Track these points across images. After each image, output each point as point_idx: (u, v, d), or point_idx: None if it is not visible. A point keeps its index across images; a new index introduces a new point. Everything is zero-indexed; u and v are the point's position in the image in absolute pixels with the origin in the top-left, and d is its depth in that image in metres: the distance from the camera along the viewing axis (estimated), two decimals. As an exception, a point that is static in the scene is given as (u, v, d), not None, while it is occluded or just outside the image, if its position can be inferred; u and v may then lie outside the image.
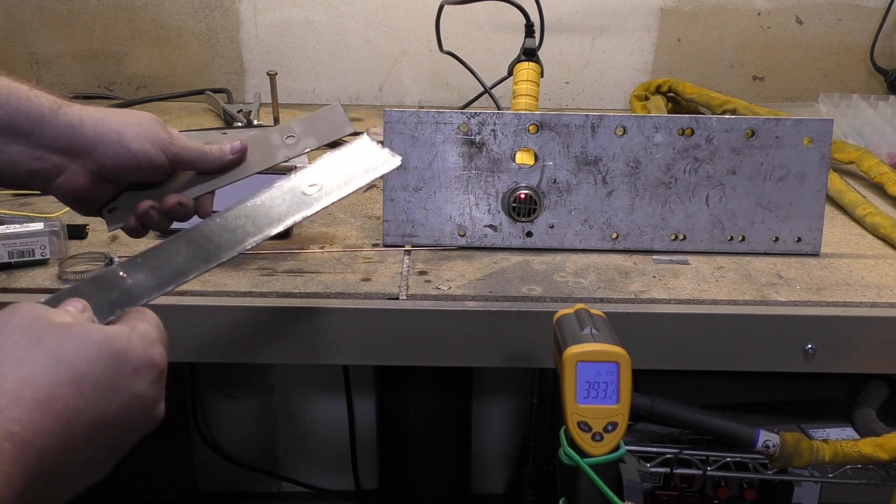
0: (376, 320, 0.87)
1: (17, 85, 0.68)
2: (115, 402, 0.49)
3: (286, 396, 1.73)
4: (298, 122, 0.86)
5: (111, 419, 0.49)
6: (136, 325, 0.54)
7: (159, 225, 0.81)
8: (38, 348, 0.47)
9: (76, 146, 0.69)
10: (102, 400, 0.49)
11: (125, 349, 0.51)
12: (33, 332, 0.48)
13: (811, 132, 0.96)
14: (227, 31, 1.54)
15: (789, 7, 1.54)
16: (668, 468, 1.02)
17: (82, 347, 0.48)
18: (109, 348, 0.50)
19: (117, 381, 0.50)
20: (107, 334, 0.50)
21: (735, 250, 1.00)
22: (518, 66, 1.15)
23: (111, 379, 0.49)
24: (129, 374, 0.50)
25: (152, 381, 0.52)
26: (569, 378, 0.70)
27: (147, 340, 0.53)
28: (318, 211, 0.73)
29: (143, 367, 0.51)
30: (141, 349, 0.52)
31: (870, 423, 1.01)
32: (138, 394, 0.51)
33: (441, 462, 1.54)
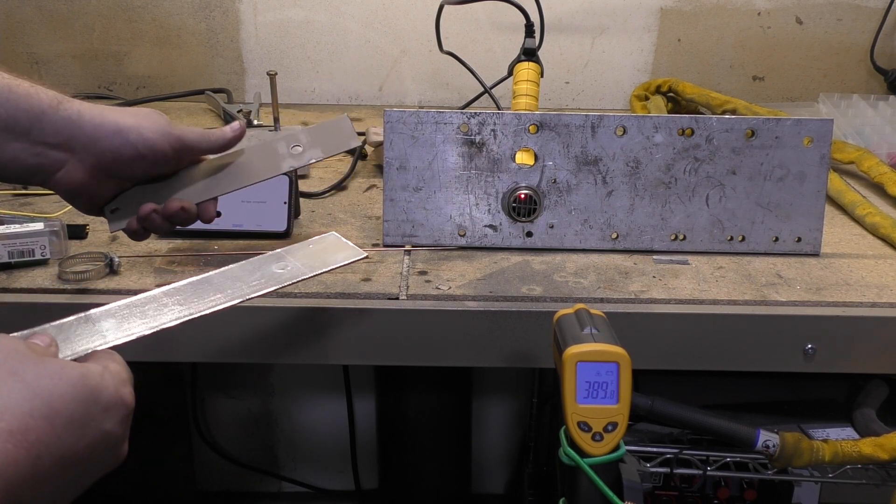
0: (376, 320, 0.87)
1: (17, 82, 0.68)
2: (84, 438, 0.50)
3: (286, 396, 1.73)
4: (305, 133, 0.86)
5: (79, 456, 0.50)
6: (107, 364, 0.54)
7: (161, 228, 0.81)
8: (14, 381, 0.47)
9: (75, 140, 0.69)
10: (73, 436, 0.49)
11: (98, 387, 0.51)
12: (10, 364, 0.48)
13: (811, 132, 0.96)
14: (227, 31, 1.54)
15: (789, 7, 1.54)
16: (668, 468, 1.02)
17: (58, 382, 0.48)
18: (84, 385, 0.50)
19: (88, 419, 0.50)
20: (81, 371, 0.51)
21: (735, 250, 1.00)
22: (518, 66, 1.15)
23: (83, 416, 0.49)
24: (100, 412, 0.51)
25: (121, 420, 0.53)
26: (569, 378, 0.70)
27: (119, 380, 0.53)
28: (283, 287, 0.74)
29: (114, 406, 0.52)
30: (113, 388, 0.52)
31: (870, 423, 1.01)
32: (107, 432, 0.51)
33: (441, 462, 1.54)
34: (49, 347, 0.55)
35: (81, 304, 0.86)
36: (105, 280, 0.90)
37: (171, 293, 0.70)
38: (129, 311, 0.66)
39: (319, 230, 1.04)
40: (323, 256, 0.79)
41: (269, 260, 0.77)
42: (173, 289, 0.70)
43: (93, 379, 0.51)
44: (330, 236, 0.83)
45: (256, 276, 0.74)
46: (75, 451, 0.49)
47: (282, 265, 0.76)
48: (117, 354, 0.57)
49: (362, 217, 1.08)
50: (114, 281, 0.90)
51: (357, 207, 1.11)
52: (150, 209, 0.79)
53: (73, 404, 0.49)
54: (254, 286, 0.72)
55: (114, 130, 0.71)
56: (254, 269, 0.75)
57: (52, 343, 0.56)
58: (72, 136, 0.70)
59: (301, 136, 0.86)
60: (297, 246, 0.80)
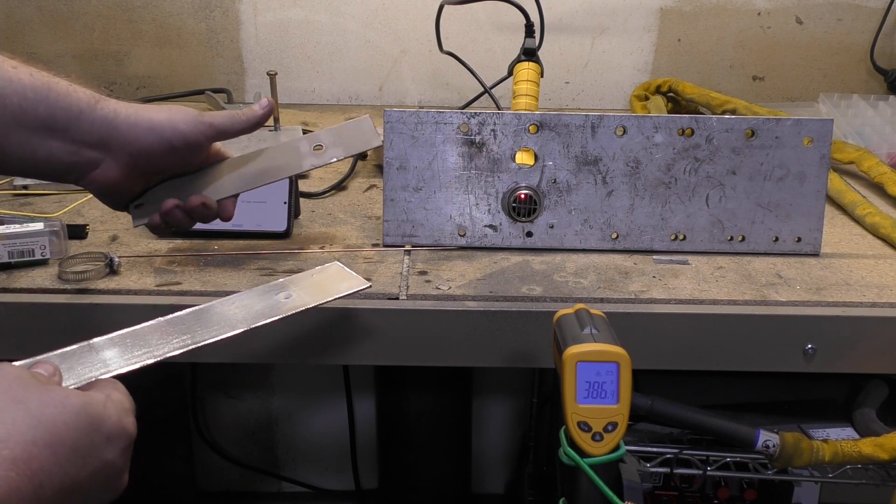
0: (376, 320, 0.87)
1: (56, 80, 0.68)
2: (86, 467, 0.49)
3: (286, 396, 1.73)
4: (327, 133, 0.88)
5: (80, 485, 0.49)
6: (110, 393, 0.54)
7: (183, 224, 0.83)
8: (18, 408, 0.47)
9: (111, 139, 0.70)
10: (75, 465, 0.49)
11: (101, 416, 0.51)
12: (14, 391, 0.48)
13: (811, 132, 0.96)
14: (227, 31, 1.54)
15: (789, 7, 1.54)
16: (668, 468, 1.02)
17: (62, 411, 0.48)
18: (87, 414, 0.50)
19: (91, 448, 0.50)
20: (85, 400, 0.50)
21: (735, 250, 1.00)
22: (518, 66, 1.15)
23: (86, 445, 0.49)
24: (102, 441, 0.51)
25: (122, 450, 0.53)
26: (569, 378, 0.70)
27: (121, 409, 0.53)
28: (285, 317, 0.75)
29: (116, 436, 0.52)
30: (115, 417, 0.52)
31: (870, 423, 1.01)
32: (108, 462, 0.51)
33: (441, 462, 1.54)
34: (53, 377, 0.54)
35: (81, 304, 0.86)
36: (105, 280, 0.90)
37: (174, 322, 0.70)
38: (132, 340, 0.66)
39: (319, 230, 1.04)
40: (326, 286, 0.79)
41: (273, 289, 0.77)
42: (177, 318, 0.71)
43: (96, 408, 0.51)
44: (333, 266, 0.84)
45: (260, 305, 0.74)
46: (77, 481, 0.49)
47: (285, 294, 0.77)
48: (120, 384, 0.57)
49: (362, 217, 1.08)
50: (114, 281, 0.90)
51: (357, 207, 1.11)
52: (172, 204, 0.80)
53: (75, 433, 0.49)
54: (257, 315, 0.73)
55: (148, 128, 0.72)
56: (257, 299, 0.76)
57: (56, 372, 0.55)
58: (108, 135, 0.70)
59: (323, 136, 0.87)
60: (300, 276, 0.81)
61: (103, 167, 0.73)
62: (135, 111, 0.73)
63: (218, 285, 0.89)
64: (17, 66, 0.64)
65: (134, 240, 1.00)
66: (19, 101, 0.63)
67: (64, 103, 0.66)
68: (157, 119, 0.73)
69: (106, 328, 0.70)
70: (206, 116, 0.78)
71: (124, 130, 0.70)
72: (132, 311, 0.87)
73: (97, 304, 0.87)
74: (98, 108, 0.69)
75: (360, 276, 0.82)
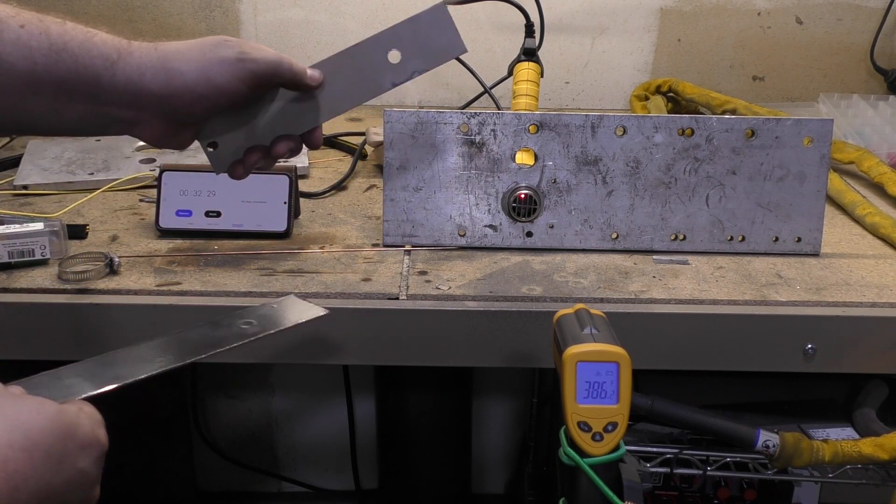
0: (376, 320, 0.87)
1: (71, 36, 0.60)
2: (60, 474, 0.50)
3: (286, 396, 1.73)
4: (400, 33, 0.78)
5: (55, 491, 0.49)
6: (82, 406, 0.54)
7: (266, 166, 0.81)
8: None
9: (142, 101, 0.65)
10: (50, 470, 0.49)
11: (75, 424, 0.51)
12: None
13: (811, 132, 0.96)
14: (227, 31, 1.54)
15: (789, 7, 1.54)
16: (668, 468, 1.02)
17: (37, 417, 0.49)
18: (62, 421, 0.50)
19: (65, 455, 0.50)
20: (59, 408, 0.51)
21: (735, 250, 1.00)
22: (518, 66, 1.15)
23: (60, 451, 0.50)
24: (76, 448, 0.51)
25: (95, 460, 0.53)
26: (569, 378, 0.70)
27: (94, 421, 0.53)
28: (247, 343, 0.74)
29: (90, 445, 0.52)
30: (89, 427, 0.52)
31: (870, 423, 1.01)
32: (82, 470, 0.51)
33: (441, 462, 1.54)
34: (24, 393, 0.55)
35: (81, 304, 0.86)
36: (105, 280, 0.90)
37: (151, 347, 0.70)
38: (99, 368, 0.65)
39: (319, 230, 1.04)
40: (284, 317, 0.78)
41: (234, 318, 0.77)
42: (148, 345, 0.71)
43: (69, 416, 0.51)
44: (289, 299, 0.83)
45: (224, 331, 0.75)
46: (52, 486, 0.49)
47: (247, 321, 0.76)
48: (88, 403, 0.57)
49: (362, 217, 1.08)
50: (114, 281, 0.90)
51: (357, 207, 1.11)
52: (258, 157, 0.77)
53: (50, 438, 0.49)
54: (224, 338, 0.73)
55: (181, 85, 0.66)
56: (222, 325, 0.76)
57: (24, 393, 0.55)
58: (136, 97, 0.65)
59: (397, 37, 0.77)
60: (257, 307, 0.80)
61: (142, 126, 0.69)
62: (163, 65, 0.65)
63: (218, 285, 0.89)
64: (26, 23, 0.58)
65: (134, 240, 1.00)
66: (29, 68, 0.57)
67: (80, 65, 0.60)
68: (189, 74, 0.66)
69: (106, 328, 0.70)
70: (250, 63, 0.70)
71: (156, 90, 0.65)
72: (132, 311, 0.87)
73: (97, 304, 0.87)
74: (119, 68, 0.63)
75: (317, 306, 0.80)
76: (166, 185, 1.00)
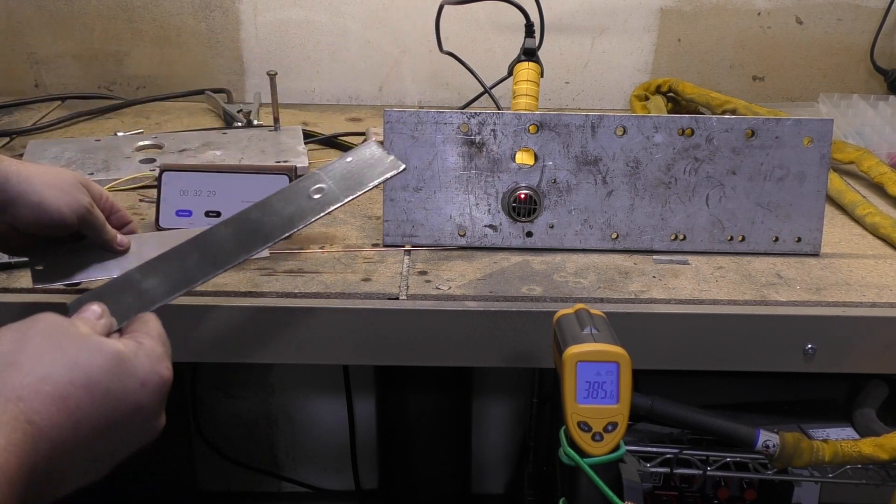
0: (376, 320, 0.87)
1: None
2: (120, 410, 0.53)
3: (286, 396, 1.73)
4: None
5: (115, 425, 0.53)
6: (143, 340, 0.57)
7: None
8: (57, 352, 0.51)
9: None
10: (109, 406, 0.52)
11: (133, 363, 0.54)
12: (54, 338, 0.52)
13: (811, 132, 0.96)
14: (227, 31, 1.54)
15: (789, 7, 1.54)
16: (668, 468, 1.02)
17: (97, 356, 0.52)
18: (120, 360, 0.54)
19: (124, 391, 0.53)
20: (118, 348, 0.54)
21: (735, 250, 1.00)
22: (518, 66, 1.15)
23: (119, 389, 0.53)
24: (136, 386, 0.54)
25: (155, 395, 0.56)
26: (569, 378, 0.70)
27: (154, 357, 0.56)
28: (324, 215, 0.73)
29: (149, 381, 0.55)
30: (148, 365, 0.55)
31: (870, 423, 1.01)
32: (142, 405, 0.55)
33: (441, 462, 1.54)
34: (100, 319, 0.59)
35: (81, 304, 0.86)
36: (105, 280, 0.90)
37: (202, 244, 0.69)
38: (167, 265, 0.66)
39: (319, 230, 1.04)
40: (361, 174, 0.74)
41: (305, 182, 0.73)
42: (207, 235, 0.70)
43: (128, 355, 0.54)
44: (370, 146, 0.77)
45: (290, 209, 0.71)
46: (111, 421, 0.52)
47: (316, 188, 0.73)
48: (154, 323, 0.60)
49: (362, 217, 1.08)
50: (114, 281, 0.90)
51: (357, 207, 1.11)
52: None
53: (109, 377, 0.52)
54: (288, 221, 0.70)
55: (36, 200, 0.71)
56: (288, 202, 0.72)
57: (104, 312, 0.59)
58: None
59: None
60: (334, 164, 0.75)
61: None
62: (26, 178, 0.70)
63: (218, 285, 0.89)
64: None
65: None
66: None
67: None
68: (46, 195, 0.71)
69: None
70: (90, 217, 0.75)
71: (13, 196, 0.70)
72: (132, 311, 0.87)
73: (97, 304, 0.86)
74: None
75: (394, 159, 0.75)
76: (166, 185, 1.00)
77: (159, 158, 1.20)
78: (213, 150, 1.22)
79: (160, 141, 1.27)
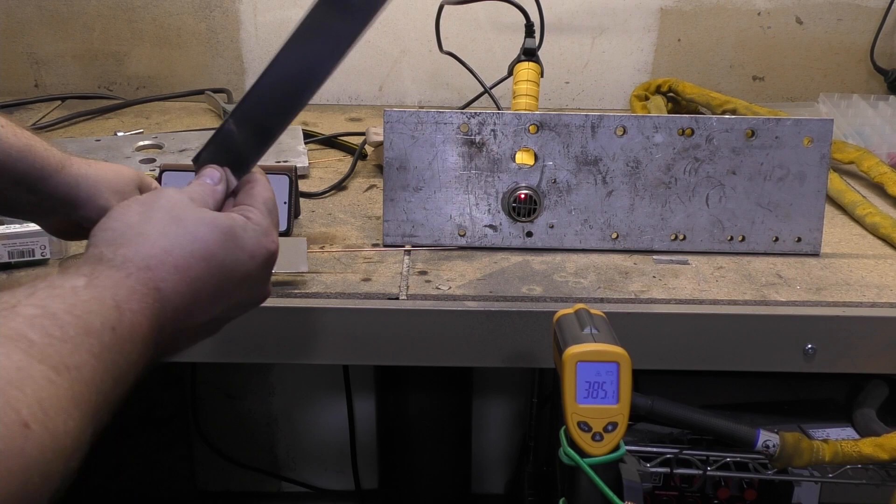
0: (376, 320, 0.87)
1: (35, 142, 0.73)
2: (232, 279, 0.59)
3: (286, 396, 1.73)
4: None
5: (228, 293, 0.59)
6: (251, 215, 0.62)
7: None
8: (178, 227, 0.56)
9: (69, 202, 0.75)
10: (223, 276, 0.58)
11: (243, 238, 0.60)
12: (175, 213, 0.57)
13: (811, 132, 0.96)
14: (227, 31, 1.54)
15: (789, 7, 1.54)
16: (668, 468, 1.02)
17: (213, 230, 0.58)
18: (233, 235, 0.59)
19: (236, 262, 0.59)
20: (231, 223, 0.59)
21: (735, 250, 1.00)
22: (518, 66, 1.15)
23: (232, 260, 0.59)
24: (246, 257, 0.60)
25: (262, 265, 0.62)
26: (569, 378, 0.70)
27: (260, 231, 0.62)
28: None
29: (257, 253, 0.61)
30: (255, 239, 0.61)
31: (870, 423, 1.01)
32: (251, 275, 0.61)
33: (441, 462, 1.54)
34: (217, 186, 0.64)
35: (81, 304, 0.86)
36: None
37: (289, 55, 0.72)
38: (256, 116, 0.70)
39: (319, 230, 1.04)
40: None
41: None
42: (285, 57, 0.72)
43: (238, 230, 0.60)
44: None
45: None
46: (225, 289, 0.58)
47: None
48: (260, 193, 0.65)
49: (362, 217, 1.08)
50: (114, 281, 0.90)
51: (357, 207, 1.11)
52: None
53: (223, 250, 0.58)
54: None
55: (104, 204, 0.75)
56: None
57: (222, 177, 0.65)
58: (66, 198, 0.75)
59: None
60: None
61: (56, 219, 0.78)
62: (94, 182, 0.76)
63: (218, 285, 0.89)
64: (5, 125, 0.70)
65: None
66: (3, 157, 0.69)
67: (39, 164, 0.72)
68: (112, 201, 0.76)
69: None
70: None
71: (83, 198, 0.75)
72: (132, 311, 0.86)
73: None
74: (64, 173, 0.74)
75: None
76: (166, 185, 1.00)
77: (159, 158, 1.20)
78: (213, 150, 1.22)
79: (160, 141, 1.27)
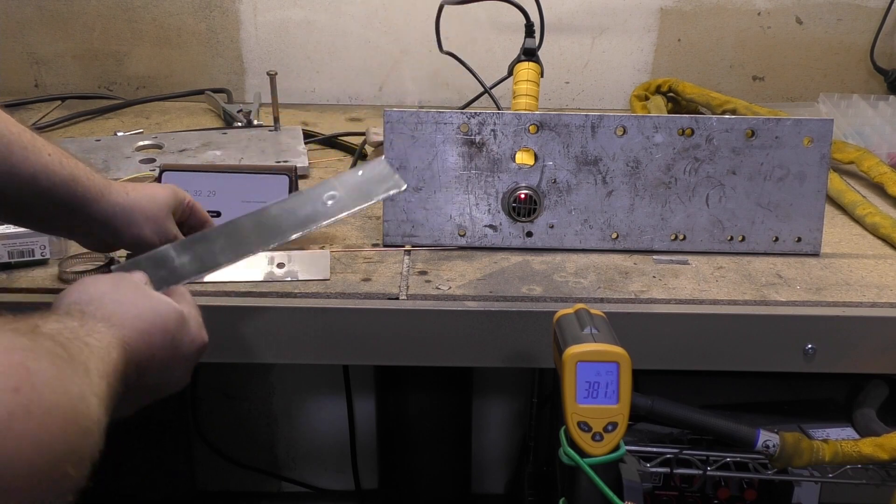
0: (376, 320, 0.87)
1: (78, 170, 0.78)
2: (176, 356, 0.67)
3: (286, 396, 1.73)
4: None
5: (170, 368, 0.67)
6: (189, 309, 0.70)
7: None
8: (146, 301, 0.65)
9: (105, 228, 0.81)
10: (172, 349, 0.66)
11: (189, 324, 0.69)
12: (141, 290, 0.67)
13: (811, 132, 0.96)
14: (227, 31, 1.54)
15: (789, 7, 1.54)
16: (668, 468, 1.02)
17: (172, 311, 0.66)
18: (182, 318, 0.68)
19: (181, 343, 0.67)
20: (179, 309, 0.68)
21: (735, 250, 1.00)
22: (518, 66, 1.15)
23: (179, 340, 0.67)
24: (188, 341, 0.68)
25: (197, 353, 0.70)
26: (569, 378, 0.70)
27: (198, 323, 0.71)
28: (334, 221, 0.78)
29: (197, 341, 0.69)
30: (196, 326, 0.70)
31: (870, 423, 1.01)
32: (188, 358, 0.68)
33: (441, 462, 1.54)
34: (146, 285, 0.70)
35: (81, 304, 0.86)
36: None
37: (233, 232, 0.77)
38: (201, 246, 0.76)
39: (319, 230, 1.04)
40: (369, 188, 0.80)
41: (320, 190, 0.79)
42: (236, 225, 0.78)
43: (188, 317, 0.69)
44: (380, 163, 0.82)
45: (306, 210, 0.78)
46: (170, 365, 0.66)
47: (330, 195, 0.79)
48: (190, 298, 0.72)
49: (362, 217, 1.08)
50: (114, 281, 0.90)
51: (357, 207, 1.11)
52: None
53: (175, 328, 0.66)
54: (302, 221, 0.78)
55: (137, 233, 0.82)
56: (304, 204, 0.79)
57: (147, 281, 0.70)
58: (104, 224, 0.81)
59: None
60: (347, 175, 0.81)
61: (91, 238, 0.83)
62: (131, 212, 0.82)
63: (217, 285, 0.89)
64: (53, 153, 0.76)
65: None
66: (49, 185, 0.76)
67: (81, 191, 0.78)
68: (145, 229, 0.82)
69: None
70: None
71: (119, 225, 0.81)
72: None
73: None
74: (103, 201, 0.80)
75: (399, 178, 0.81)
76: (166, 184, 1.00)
77: (159, 158, 1.20)
78: (213, 150, 1.22)
79: (160, 141, 1.27)
